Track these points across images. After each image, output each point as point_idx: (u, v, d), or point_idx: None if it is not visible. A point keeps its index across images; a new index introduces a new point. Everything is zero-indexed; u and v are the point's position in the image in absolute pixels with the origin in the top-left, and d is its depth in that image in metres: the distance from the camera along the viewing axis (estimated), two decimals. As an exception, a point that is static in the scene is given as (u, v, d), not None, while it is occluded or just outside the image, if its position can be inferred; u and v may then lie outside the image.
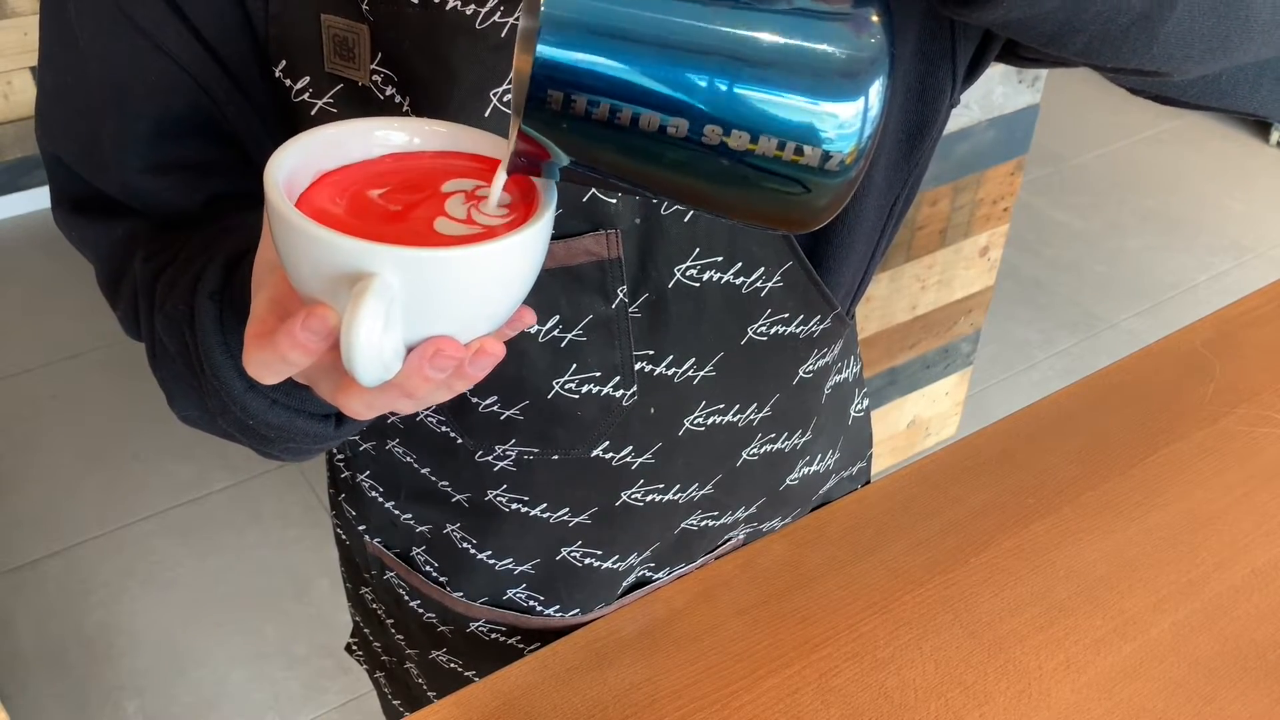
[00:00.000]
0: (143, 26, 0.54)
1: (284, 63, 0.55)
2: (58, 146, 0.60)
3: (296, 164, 0.41)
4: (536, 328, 0.60)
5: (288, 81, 0.56)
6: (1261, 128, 3.50)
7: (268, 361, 0.40)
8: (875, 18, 0.37)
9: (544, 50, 0.35)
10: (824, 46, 0.36)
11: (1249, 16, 0.45)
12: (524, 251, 0.39)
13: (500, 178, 0.41)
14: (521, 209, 0.42)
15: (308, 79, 0.55)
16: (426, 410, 0.67)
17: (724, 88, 0.36)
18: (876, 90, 0.37)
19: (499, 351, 0.40)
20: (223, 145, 0.58)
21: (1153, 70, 0.47)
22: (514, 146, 0.38)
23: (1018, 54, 0.59)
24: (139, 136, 0.57)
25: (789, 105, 0.36)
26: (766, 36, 0.36)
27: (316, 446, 0.56)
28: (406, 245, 0.37)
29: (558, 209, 0.45)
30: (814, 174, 0.37)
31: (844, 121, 0.36)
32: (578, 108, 0.36)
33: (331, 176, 0.43)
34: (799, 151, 0.37)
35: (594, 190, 0.56)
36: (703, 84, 0.35)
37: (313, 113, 0.56)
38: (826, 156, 0.37)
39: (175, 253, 0.56)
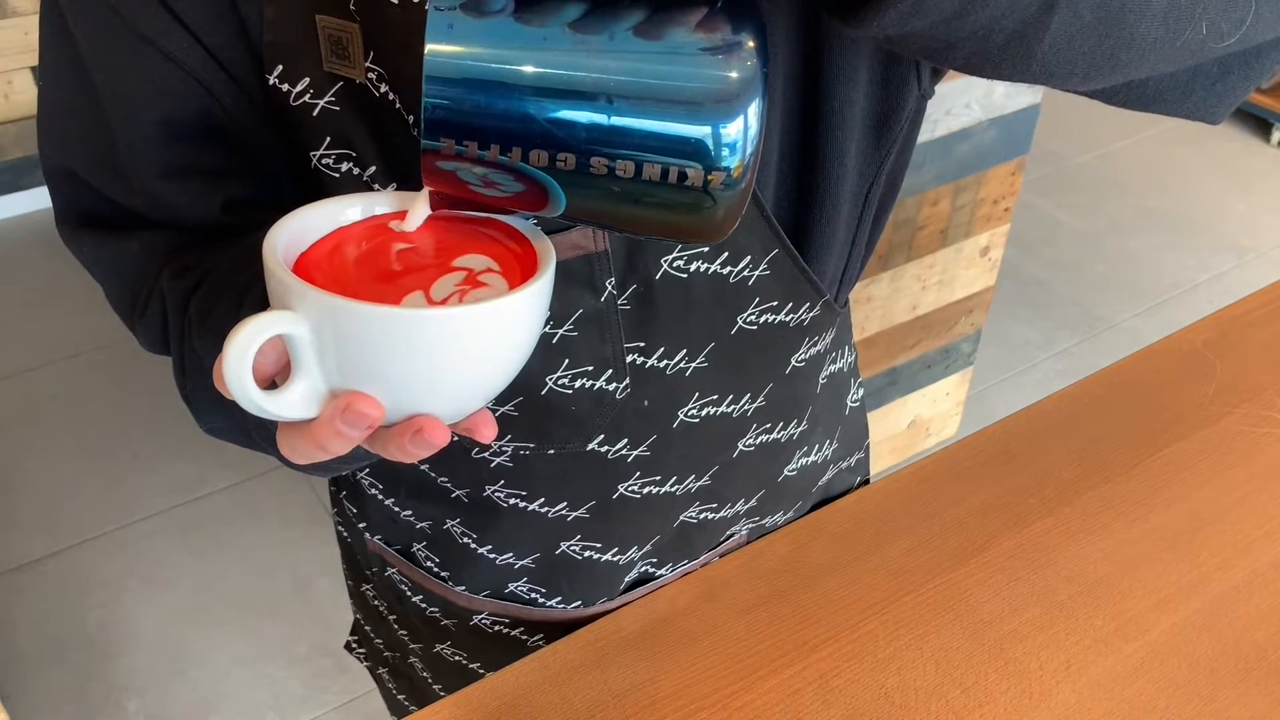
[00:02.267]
0: (146, 35, 0.54)
1: (280, 68, 0.56)
2: (70, 160, 0.60)
3: (348, 209, 0.44)
4: None
5: (284, 86, 0.56)
6: (1262, 127, 3.50)
7: (218, 376, 0.41)
8: (750, 43, 0.39)
9: (429, 103, 0.37)
10: (695, 79, 0.38)
11: (1133, 37, 0.45)
12: (443, 328, 0.38)
13: (419, 214, 0.43)
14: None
15: (307, 80, 0.56)
16: None
17: (604, 125, 0.38)
18: (754, 111, 0.39)
19: (437, 439, 0.40)
20: (234, 150, 0.59)
21: (1040, 83, 0.48)
22: (425, 185, 0.40)
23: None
24: (151, 142, 0.57)
25: (668, 135, 0.38)
26: (640, 73, 0.38)
27: (344, 466, 0.56)
28: (335, 293, 0.38)
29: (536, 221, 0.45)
30: (703, 192, 0.39)
31: (723, 144, 0.39)
32: (469, 151, 0.38)
33: (379, 220, 0.44)
34: (683, 175, 0.39)
35: None
36: (583, 124, 0.38)
37: (315, 113, 0.56)
38: (708, 177, 0.39)
39: (207, 268, 0.56)
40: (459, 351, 0.39)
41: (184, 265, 0.57)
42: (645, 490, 0.71)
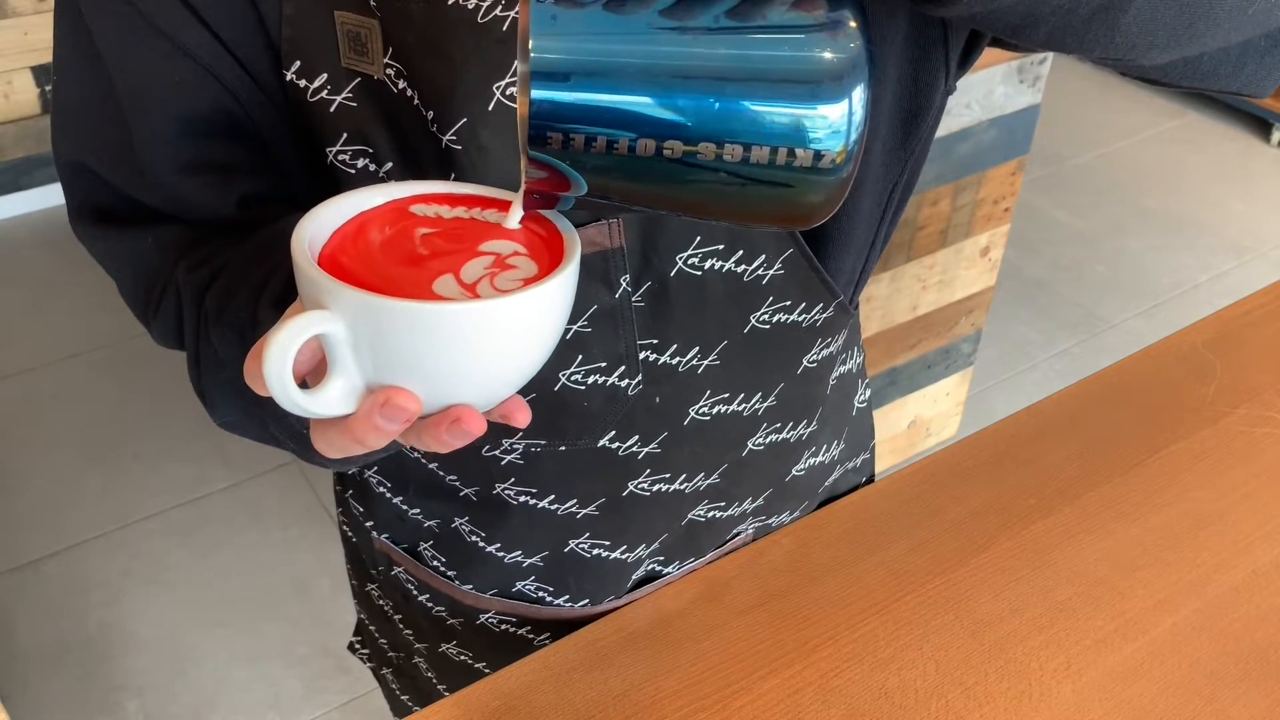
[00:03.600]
0: (164, 31, 0.54)
1: (298, 64, 0.56)
2: (85, 154, 0.60)
3: (372, 197, 0.43)
4: None
5: (302, 82, 0.56)
6: (1262, 127, 3.50)
7: (251, 374, 0.41)
8: (852, 23, 0.38)
9: (537, 96, 0.37)
10: (803, 59, 0.37)
11: (1210, 8, 0.45)
12: (481, 320, 0.38)
13: (516, 213, 0.42)
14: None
15: (325, 76, 0.56)
16: None
17: (712, 110, 0.37)
18: (859, 92, 0.38)
19: (475, 428, 0.40)
20: (250, 146, 0.59)
21: (1118, 58, 0.48)
22: (524, 184, 0.40)
23: (1004, 41, 0.59)
24: (167, 137, 0.57)
25: (776, 117, 0.38)
26: (746, 58, 0.37)
27: (372, 457, 0.56)
28: (373, 290, 0.38)
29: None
30: (809, 175, 0.39)
31: (832, 123, 0.38)
32: (576, 144, 0.37)
33: (402, 204, 0.44)
34: (791, 156, 0.38)
35: None
36: (691, 109, 0.37)
37: (331, 109, 0.56)
38: (819, 157, 0.38)
39: (223, 262, 0.56)
40: (496, 342, 0.39)
41: (199, 259, 0.57)
42: (655, 488, 0.71)
